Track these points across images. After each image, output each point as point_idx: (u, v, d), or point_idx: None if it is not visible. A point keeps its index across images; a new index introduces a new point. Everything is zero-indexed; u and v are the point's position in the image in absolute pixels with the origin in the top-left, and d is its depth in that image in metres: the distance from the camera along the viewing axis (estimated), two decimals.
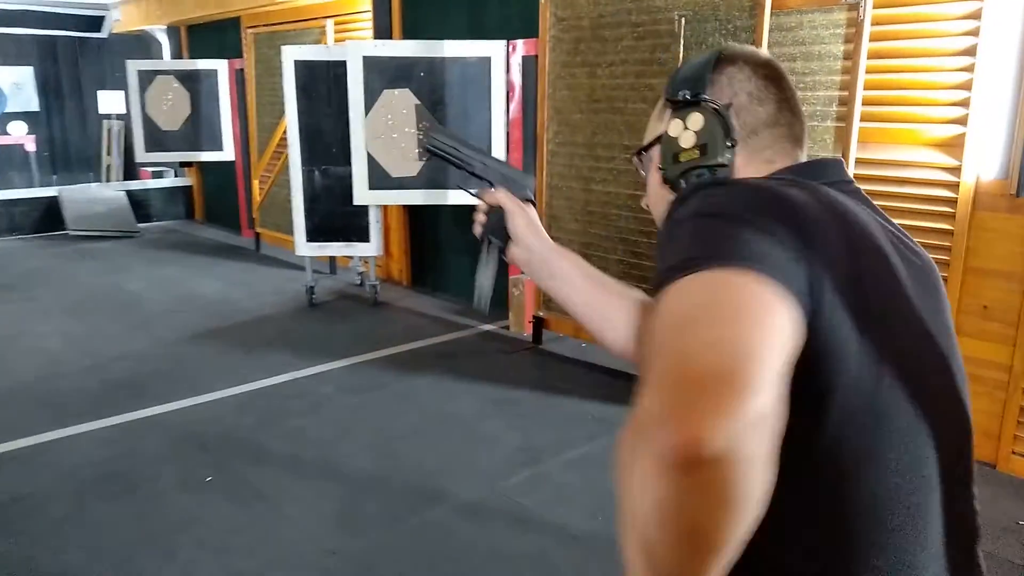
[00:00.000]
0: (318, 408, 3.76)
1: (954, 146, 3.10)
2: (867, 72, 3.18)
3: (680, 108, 0.90)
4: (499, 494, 2.96)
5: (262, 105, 7.08)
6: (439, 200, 5.08)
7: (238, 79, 7.53)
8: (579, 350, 4.61)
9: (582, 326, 1.06)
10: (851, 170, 3.22)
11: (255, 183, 7.32)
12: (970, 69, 3.03)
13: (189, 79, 7.60)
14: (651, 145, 0.98)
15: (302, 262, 6.03)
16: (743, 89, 0.89)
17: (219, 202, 8.76)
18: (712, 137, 0.87)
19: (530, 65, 4.79)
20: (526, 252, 1.15)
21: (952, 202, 3.10)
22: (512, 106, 4.87)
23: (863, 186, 0.89)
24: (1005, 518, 2.79)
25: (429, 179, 5.04)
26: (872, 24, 3.13)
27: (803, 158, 0.91)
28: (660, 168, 0.93)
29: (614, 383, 4.11)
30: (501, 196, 1.17)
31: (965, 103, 3.06)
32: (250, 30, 7.06)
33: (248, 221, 7.87)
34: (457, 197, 5.03)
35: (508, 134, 4.91)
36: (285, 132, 6.69)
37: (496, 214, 1.17)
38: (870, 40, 3.14)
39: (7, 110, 9.38)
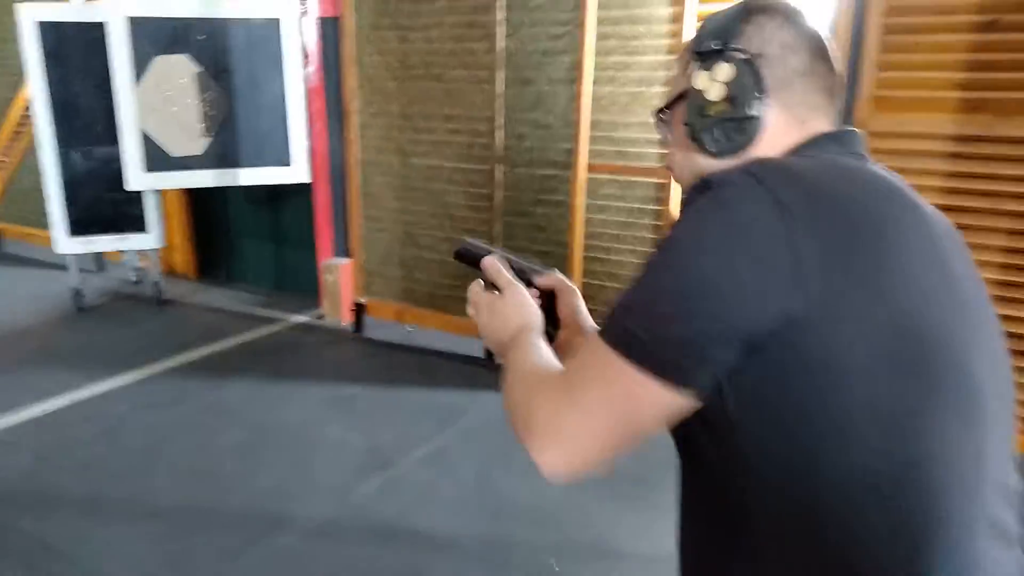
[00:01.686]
0: (113, 433, 3.16)
1: None
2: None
3: (707, 59, 0.85)
4: (353, 507, 2.64)
5: None
6: (231, 180, 4.51)
7: None
8: (405, 335, 4.34)
9: None
10: None
11: None
12: None
13: None
14: (675, 102, 0.90)
15: (62, 260, 5.15)
16: (775, 38, 0.83)
17: None
18: (742, 88, 0.82)
19: (329, 27, 4.36)
20: (576, 334, 1.05)
21: None
22: (310, 73, 4.42)
23: None
24: None
25: (218, 157, 4.46)
26: None
27: (836, 116, 0.87)
28: (686, 123, 0.87)
29: (448, 367, 3.90)
30: (555, 280, 1.09)
31: None
32: None
33: None
34: (252, 176, 4.50)
35: (307, 105, 4.45)
36: (28, 107, 5.68)
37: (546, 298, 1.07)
38: (699, 2, 3.15)
39: None
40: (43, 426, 3.22)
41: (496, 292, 1.03)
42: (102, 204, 4.62)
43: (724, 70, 0.83)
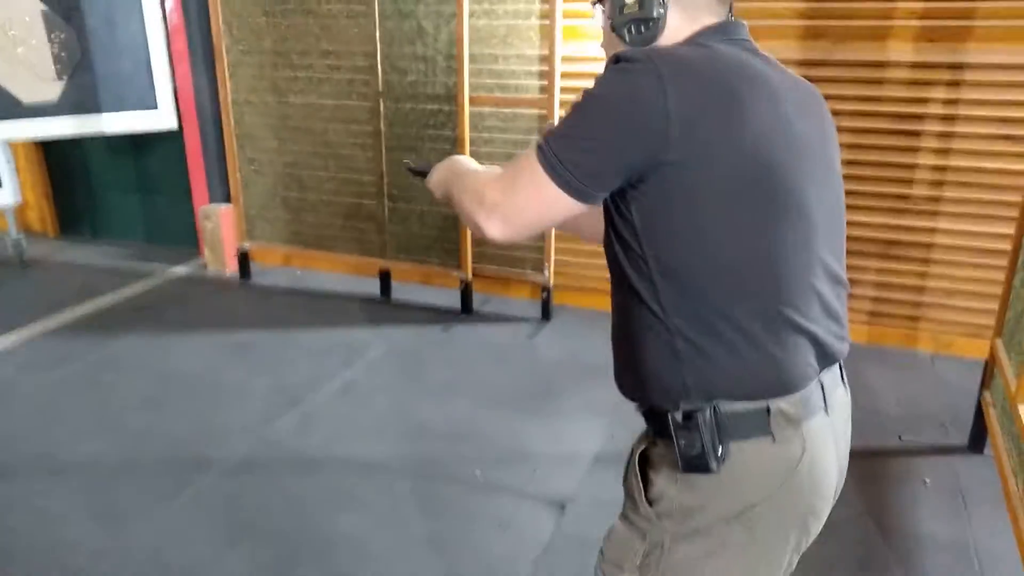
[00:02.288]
0: (1, 397, 3.04)
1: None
2: None
3: None
4: (271, 444, 2.72)
5: None
6: (93, 128, 4.25)
7: None
8: (295, 278, 4.35)
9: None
10: (558, 67, 3.40)
11: None
12: None
13: None
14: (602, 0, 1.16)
15: None
16: None
17: None
18: None
19: None
20: (445, 167, 1.31)
21: None
22: (170, 11, 4.21)
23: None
24: None
25: (76, 103, 4.18)
26: None
27: (725, 11, 1.11)
28: (608, 19, 1.13)
29: (345, 306, 3.97)
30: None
31: None
32: None
33: None
34: (115, 123, 4.27)
35: (169, 44, 4.25)
36: None
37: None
38: None
39: None
40: None
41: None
42: None
43: None
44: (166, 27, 4.22)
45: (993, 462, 2.44)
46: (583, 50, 3.48)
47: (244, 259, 4.32)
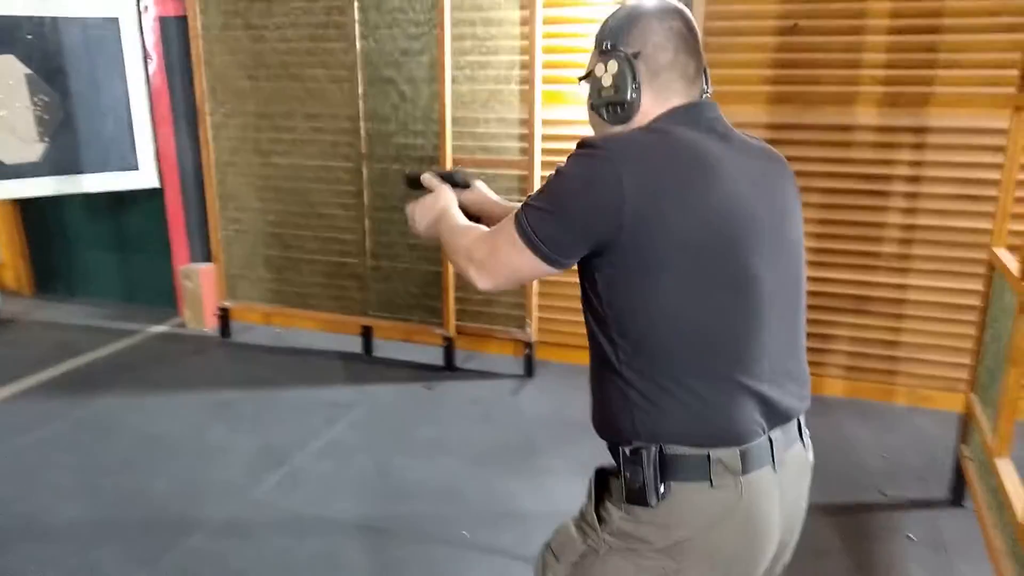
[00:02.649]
0: None
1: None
2: (544, 37, 3.46)
3: (604, 55, 1.20)
4: (256, 504, 2.69)
5: None
6: (74, 188, 4.27)
7: None
8: (275, 336, 4.34)
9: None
10: (538, 130, 3.50)
11: None
12: None
13: None
14: (586, 78, 1.26)
15: None
16: (650, 40, 1.18)
17: None
18: (623, 79, 1.18)
19: (171, 27, 4.24)
20: (433, 199, 1.45)
21: None
22: (153, 74, 4.27)
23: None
24: None
25: (56, 163, 4.21)
26: None
27: (697, 92, 1.22)
28: (589, 99, 1.24)
29: (326, 364, 3.96)
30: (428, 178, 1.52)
31: None
32: None
33: None
34: (96, 183, 4.29)
35: (151, 107, 4.30)
36: None
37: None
38: (544, 7, 3.41)
39: None
40: None
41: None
42: None
43: (613, 65, 1.18)
44: (149, 89, 4.28)
45: (974, 515, 2.49)
46: (563, 114, 3.59)
47: (225, 318, 4.31)
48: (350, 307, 4.03)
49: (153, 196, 4.45)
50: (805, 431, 1.25)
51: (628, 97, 1.17)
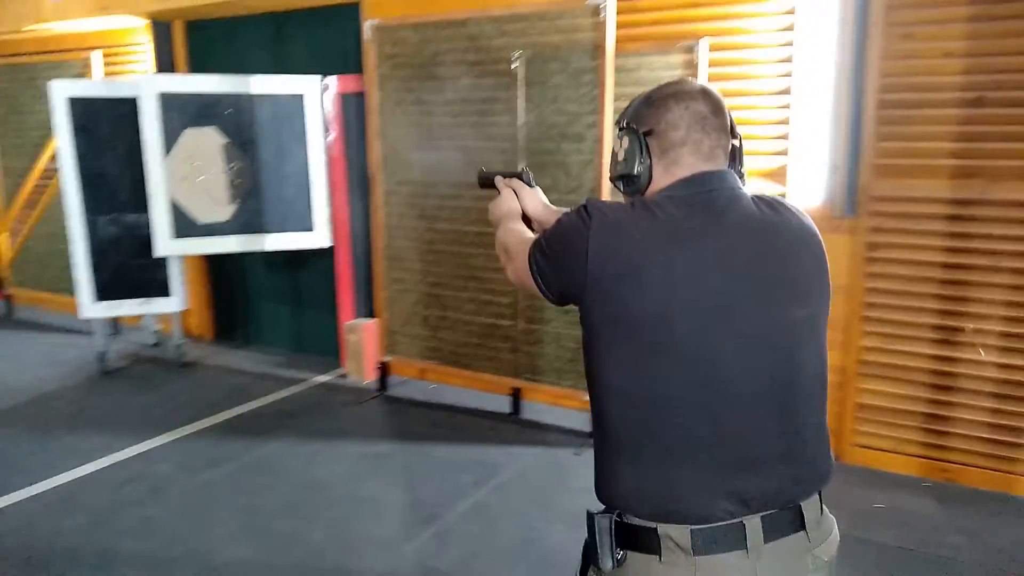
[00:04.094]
0: (161, 493, 3.26)
1: (779, 175, 3.47)
2: None
3: (621, 131, 1.32)
4: (409, 561, 2.76)
5: (7, 147, 6.08)
6: (256, 246, 4.68)
7: None
8: (429, 392, 4.48)
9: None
10: None
11: (2, 237, 6.25)
12: (787, 107, 3.42)
13: None
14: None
15: (75, 324, 5.30)
16: (663, 118, 1.26)
17: None
18: (633, 154, 1.28)
19: (349, 102, 4.60)
20: (502, 201, 1.63)
21: None
22: (330, 145, 4.64)
23: None
24: (863, 503, 3.14)
25: (243, 223, 4.64)
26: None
27: (710, 167, 1.25)
28: (609, 172, 1.36)
29: (475, 423, 4.04)
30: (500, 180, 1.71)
31: (785, 137, 3.44)
32: None
33: None
34: (276, 241, 4.68)
35: (328, 174, 4.66)
36: (43, 176, 5.83)
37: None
38: (708, 80, 3.43)
39: None
40: (90, 486, 3.31)
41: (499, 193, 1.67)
42: (127, 269, 4.76)
43: (626, 141, 1.29)
44: (327, 158, 4.64)
45: None
46: None
47: (384, 371, 4.51)
48: (501, 368, 4.11)
49: (325, 255, 4.79)
50: (817, 519, 1.21)
51: (635, 170, 1.26)
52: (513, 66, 3.68)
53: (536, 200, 1.65)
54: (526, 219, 1.61)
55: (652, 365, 1.14)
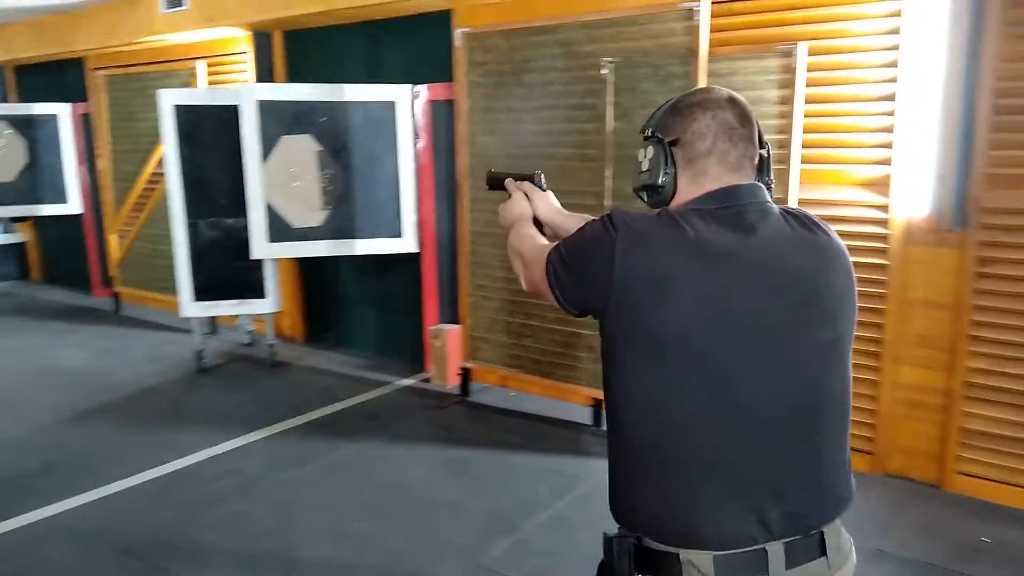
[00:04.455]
0: (249, 490, 3.36)
1: (882, 185, 3.30)
2: (805, 116, 3.33)
3: (646, 140, 1.29)
4: (486, 569, 2.75)
5: (119, 152, 6.45)
6: (346, 250, 4.79)
7: (84, 125, 6.83)
8: (509, 399, 4.47)
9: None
10: None
11: (112, 238, 6.62)
12: (891, 114, 3.25)
13: (24, 125, 6.78)
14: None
15: (175, 323, 5.53)
16: (690, 128, 1.22)
17: (63, 260, 7.84)
18: (657, 164, 1.25)
19: (439, 109, 4.66)
20: (514, 205, 1.65)
21: (885, 238, 3.28)
22: (419, 152, 4.71)
23: None
24: (968, 535, 2.94)
25: (335, 228, 4.75)
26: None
27: (739, 179, 1.21)
28: (633, 182, 1.34)
29: (554, 432, 4.00)
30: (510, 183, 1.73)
31: (888, 145, 3.27)
32: (99, 72, 6.43)
33: (103, 280, 7.09)
34: (365, 246, 4.77)
35: (418, 181, 4.73)
36: (151, 181, 6.15)
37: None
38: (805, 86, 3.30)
39: None
40: (184, 480, 3.45)
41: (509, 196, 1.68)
42: (225, 271, 4.96)
43: (650, 151, 1.26)
44: (416, 165, 4.71)
45: None
46: (822, 195, 3.41)
47: (465, 377, 4.54)
48: (583, 378, 4.06)
49: (411, 260, 4.86)
50: (838, 544, 1.18)
51: (659, 181, 1.23)
52: (603, 72, 3.64)
53: (548, 204, 1.64)
54: (537, 224, 1.60)
55: (674, 383, 1.11)
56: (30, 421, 4.11)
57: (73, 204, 6.98)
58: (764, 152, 1.26)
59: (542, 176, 1.69)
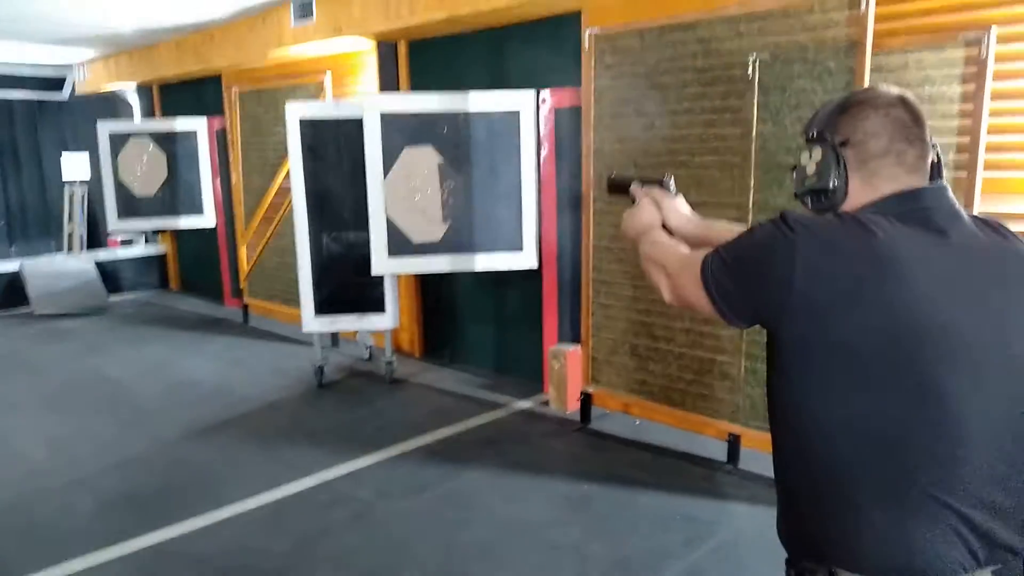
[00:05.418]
0: (362, 520, 3.19)
1: None
2: (991, 115, 2.85)
3: (809, 142, 1.22)
4: None
5: (250, 166, 6.59)
6: (466, 266, 4.60)
7: (219, 139, 7.05)
8: (634, 429, 4.13)
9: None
10: None
11: (242, 250, 6.77)
12: None
13: (165, 140, 7.09)
14: (793, 169, 1.27)
15: (298, 335, 5.52)
16: (861, 128, 1.15)
17: (198, 271, 8.15)
18: (827, 167, 1.17)
19: (564, 117, 4.40)
20: (642, 211, 1.51)
21: None
22: (543, 162, 4.46)
23: None
24: None
25: (454, 243, 4.58)
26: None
27: (919, 180, 1.14)
28: (794, 187, 1.25)
29: (685, 468, 3.63)
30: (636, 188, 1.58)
31: None
32: (233, 87, 6.60)
33: (233, 291, 7.29)
34: (485, 262, 4.57)
35: (540, 193, 4.48)
36: (279, 194, 6.23)
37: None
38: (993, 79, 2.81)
39: None
40: (298, 506, 3.33)
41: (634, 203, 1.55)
42: (346, 286, 4.89)
43: (817, 153, 1.18)
44: (539, 176, 4.46)
45: None
46: (1010, 206, 2.90)
47: (586, 402, 4.24)
48: (718, 409, 3.67)
49: (531, 276, 4.62)
50: None
51: (830, 185, 1.16)
52: (748, 70, 3.27)
53: (680, 211, 1.51)
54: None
55: (873, 399, 1.03)
56: (155, 436, 4.14)
57: (208, 217, 7.22)
58: (934, 155, 1.17)
59: (672, 179, 1.54)
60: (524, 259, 4.54)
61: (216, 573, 2.81)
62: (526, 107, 4.41)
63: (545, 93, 4.40)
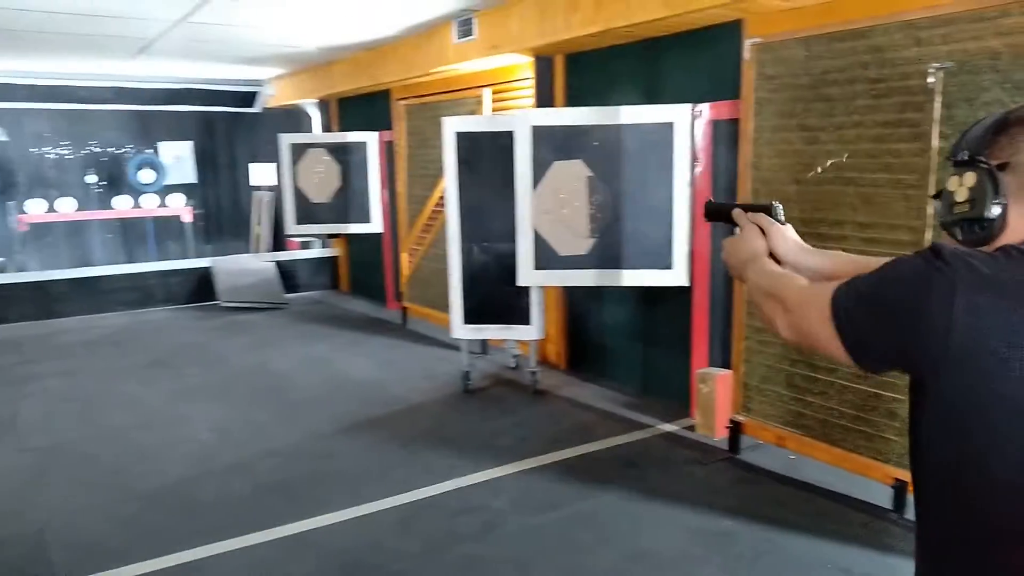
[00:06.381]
0: (491, 530, 3.20)
1: None
2: None
3: (959, 166, 1.07)
4: None
5: (413, 177, 6.86)
6: (612, 281, 4.52)
7: (387, 151, 7.40)
8: (787, 464, 3.86)
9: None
10: None
11: (403, 256, 7.06)
12: None
13: (339, 152, 7.53)
14: (938, 196, 1.13)
15: (451, 339, 5.63)
16: (1023, 149, 1.01)
17: (365, 274, 8.61)
18: (982, 193, 1.02)
19: (721, 130, 4.21)
20: (748, 240, 1.38)
21: None
22: (697, 175, 4.29)
23: None
24: None
25: (600, 258, 4.50)
26: None
27: None
28: (940, 217, 1.12)
29: (843, 512, 3.33)
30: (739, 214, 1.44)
31: None
32: (401, 102, 6.90)
33: (394, 294, 7.62)
34: (632, 277, 4.45)
35: (692, 208, 4.31)
36: (437, 205, 6.44)
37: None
38: None
39: (167, 182, 9.72)
40: (430, 509, 3.39)
41: (738, 231, 1.42)
42: (494, 296, 4.95)
43: (970, 178, 1.03)
44: (692, 191, 4.30)
45: None
46: None
47: (735, 430, 4.02)
48: (883, 451, 3.35)
49: (681, 294, 4.45)
50: None
51: (986, 214, 1.02)
52: (929, 81, 2.96)
53: (789, 240, 1.39)
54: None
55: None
56: (309, 429, 4.39)
57: (375, 223, 7.59)
58: None
59: (780, 208, 1.42)
60: (674, 276, 4.38)
61: (349, 567, 2.91)
62: (681, 120, 4.26)
63: (702, 105, 4.24)
